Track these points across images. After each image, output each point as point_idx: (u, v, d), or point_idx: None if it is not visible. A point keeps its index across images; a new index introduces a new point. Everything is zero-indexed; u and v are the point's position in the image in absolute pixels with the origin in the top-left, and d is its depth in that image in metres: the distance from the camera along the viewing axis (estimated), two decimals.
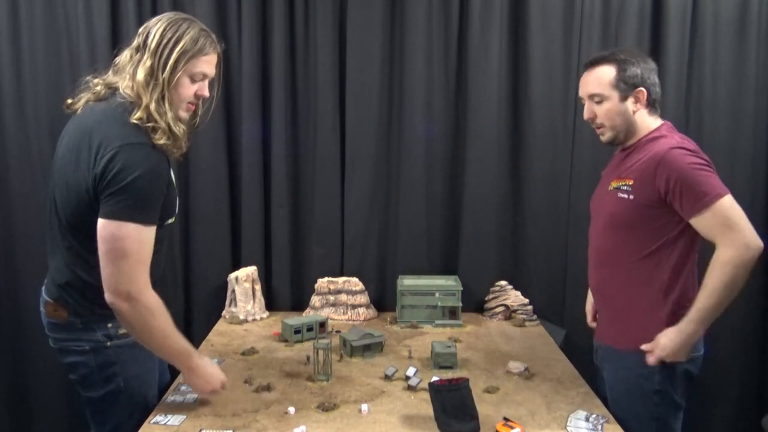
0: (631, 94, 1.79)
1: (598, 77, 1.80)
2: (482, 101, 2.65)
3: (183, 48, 1.57)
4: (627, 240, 1.78)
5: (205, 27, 1.66)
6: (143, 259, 1.53)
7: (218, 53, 1.69)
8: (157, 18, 1.62)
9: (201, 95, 1.67)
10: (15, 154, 2.65)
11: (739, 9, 2.62)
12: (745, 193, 2.67)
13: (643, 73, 1.79)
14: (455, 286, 2.57)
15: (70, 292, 1.64)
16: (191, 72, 1.61)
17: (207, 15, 2.58)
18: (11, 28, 2.60)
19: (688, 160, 1.68)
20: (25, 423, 2.80)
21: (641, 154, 1.78)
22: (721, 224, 1.65)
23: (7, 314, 2.71)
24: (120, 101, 1.58)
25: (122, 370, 1.67)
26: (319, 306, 2.65)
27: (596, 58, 1.83)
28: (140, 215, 1.50)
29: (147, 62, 1.56)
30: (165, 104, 1.57)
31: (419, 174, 2.71)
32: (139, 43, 1.60)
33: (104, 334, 1.64)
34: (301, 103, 2.70)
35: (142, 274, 1.53)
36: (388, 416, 1.74)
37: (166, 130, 1.56)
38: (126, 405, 1.69)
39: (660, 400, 1.78)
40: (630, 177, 1.77)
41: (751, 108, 2.67)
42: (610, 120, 1.81)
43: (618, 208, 1.79)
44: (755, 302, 2.75)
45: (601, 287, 1.91)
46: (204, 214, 2.70)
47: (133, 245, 1.50)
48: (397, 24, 2.65)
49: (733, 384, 2.78)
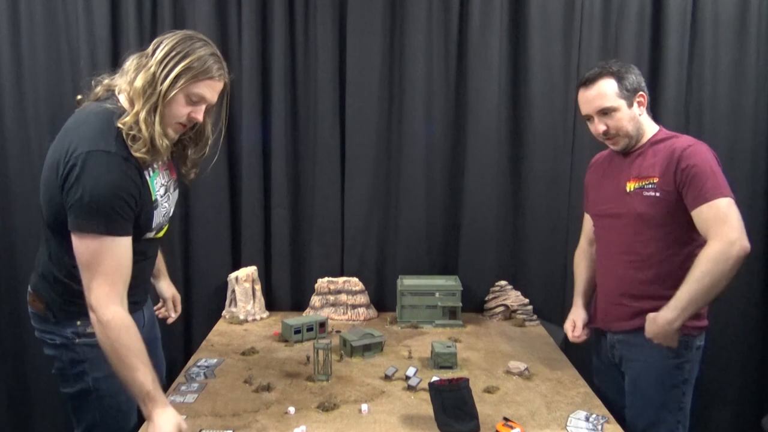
0: (635, 99, 1.86)
1: (602, 92, 1.84)
2: (482, 101, 2.65)
3: (188, 64, 1.53)
4: (659, 236, 1.83)
5: (219, 53, 1.61)
6: (107, 270, 1.48)
7: (225, 82, 1.64)
8: (174, 32, 1.59)
9: (194, 118, 1.60)
10: (15, 154, 2.65)
11: (739, 9, 2.62)
12: (745, 193, 2.67)
13: (638, 78, 1.87)
14: (455, 286, 2.58)
15: (44, 285, 1.65)
16: (190, 91, 1.55)
17: (207, 15, 2.59)
18: (11, 28, 2.60)
19: (707, 157, 1.77)
20: (25, 423, 2.80)
21: (657, 155, 1.84)
22: (716, 218, 1.72)
23: (7, 314, 2.71)
24: (110, 106, 1.56)
25: (91, 370, 1.65)
26: (319, 306, 2.65)
27: (592, 74, 1.87)
28: (100, 226, 1.47)
29: (150, 70, 1.52)
30: (155, 116, 1.52)
31: (419, 174, 2.71)
32: (149, 51, 1.56)
33: (73, 331, 1.64)
34: (301, 103, 2.70)
35: (103, 287, 1.48)
36: (388, 416, 1.74)
37: (147, 142, 1.51)
38: (97, 406, 1.67)
39: (686, 388, 1.87)
40: (652, 176, 1.82)
41: (751, 108, 2.67)
42: (623, 129, 1.86)
43: (646, 207, 1.83)
44: (755, 302, 2.75)
45: (630, 286, 1.90)
46: (204, 214, 2.70)
47: (94, 256, 1.47)
48: (397, 24, 2.65)
49: (733, 384, 2.78)
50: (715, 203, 1.72)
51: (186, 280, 2.75)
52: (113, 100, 1.58)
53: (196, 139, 1.75)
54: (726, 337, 2.73)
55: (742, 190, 2.67)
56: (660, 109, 2.62)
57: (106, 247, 1.48)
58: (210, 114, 1.70)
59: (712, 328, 2.80)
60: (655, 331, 1.77)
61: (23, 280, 2.65)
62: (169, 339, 2.70)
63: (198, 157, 1.77)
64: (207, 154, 1.78)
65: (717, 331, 2.74)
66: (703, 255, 1.71)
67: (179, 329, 2.74)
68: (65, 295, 1.60)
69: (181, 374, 2.04)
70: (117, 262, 1.50)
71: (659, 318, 1.76)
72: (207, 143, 1.76)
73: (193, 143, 1.75)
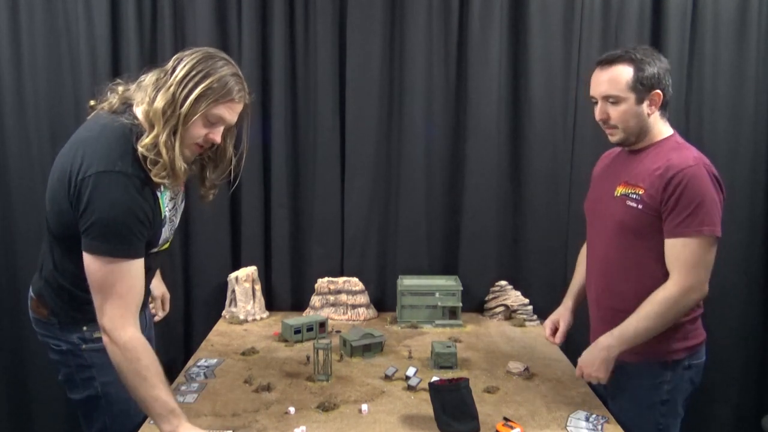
0: (648, 97, 1.71)
1: (614, 77, 1.70)
2: (482, 101, 2.65)
3: (209, 85, 1.47)
4: (637, 247, 1.73)
5: (240, 72, 1.56)
6: (121, 293, 1.46)
7: (245, 103, 1.59)
8: (195, 49, 1.53)
9: (212, 140, 1.56)
10: (15, 154, 2.65)
11: (739, 9, 2.62)
12: (745, 193, 2.67)
13: (660, 73, 1.71)
14: (455, 286, 2.57)
15: (49, 291, 1.63)
16: (209, 113, 1.50)
17: (207, 15, 2.59)
18: (11, 28, 2.59)
19: (702, 183, 1.64)
20: (25, 423, 2.80)
21: (655, 163, 1.71)
22: (685, 259, 1.64)
23: (7, 314, 2.71)
24: (126, 121, 1.50)
25: (99, 375, 1.64)
26: (319, 306, 2.65)
27: (611, 56, 1.73)
28: (113, 249, 1.44)
29: (170, 90, 1.46)
30: (176, 139, 1.48)
31: (419, 174, 2.70)
32: (168, 68, 1.50)
33: (79, 336, 1.63)
34: (301, 103, 2.69)
35: (117, 309, 1.45)
36: (388, 416, 1.74)
37: (167, 166, 1.46)
38: (106, 411, 1.67)
39: (666, 410, 1.77)
40: (640, 186, 1.71)
41: (751, 108, 2.66)
42: (624, 122, 1.73)
43: (627, 217, 1.73)
44: (755, 303, 2.75)
45: (606, 297, 1.84)
46: (204, 214, 2.70)
47: (108, 279, 1.45)
48: (397, 24, 2.65)
49: (733, 385, 2.78)
50: (690, 242, 1.62)
51: (186, 280, 2.74)
52: (129, 115, 1.53)
53: (216, 160, 1.70)
54: (726, 338, 2.72)
55: (742, 190, 2.68)
56: None
57: (121, 269, 1.46)
58: (230, 135, 1.66)
59: (712, 329, 2.80)
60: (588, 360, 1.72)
61: (23, 279, 2.66)
62: (169, 339, 2.71)
63: (218, 179, 1.72)
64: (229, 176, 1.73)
65: (717, 331, 2.74)
66: (660, 295, 1.65)
67: (179, 329, 2.74)
68: (71, 302, 1.59)
69: (181, 374, 2.04)
70: (131, 284, 1.48)
71: (600, 341, 1.72)
72: (229, 165, 1.71)
73: (212, 164, 1.71)
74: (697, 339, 1.80)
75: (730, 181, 2.69)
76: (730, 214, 2.67)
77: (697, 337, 1.80)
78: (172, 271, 2.68)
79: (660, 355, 1.74)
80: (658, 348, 1.72)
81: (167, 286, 2.19)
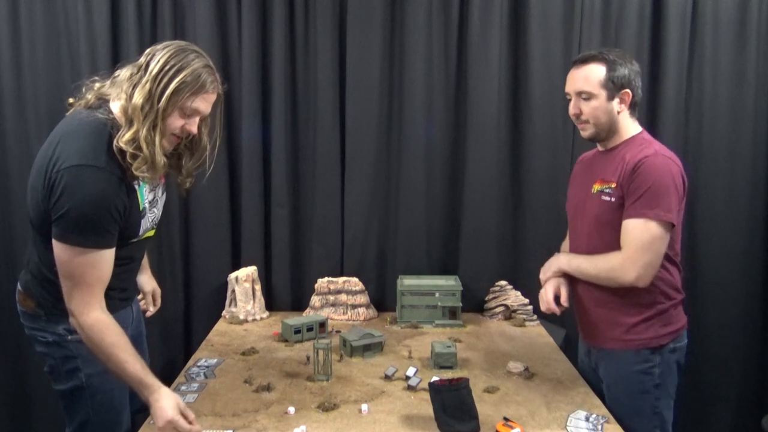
0: (618, 95, 1.82)
1: (587, 75, 1.82)
2: (482, 101, 2.65)
3: (183, 79, 1.52)
4: (614, 240, 1.80)
5: (212, 64, 1.61)
6: (89, 281, 1.53)
7: (218, 93, 1.64)
8: (167, 43, 1.58)
9: (188, 131, 1.62)
10: (15, 154, 2.65)
11: (739, 9, 2.62)
12: (745, 193, 2.67)
13: (630, 74, 1.83)
14: (455, 286, 2.57)
15: (35, 284, 1.67)
16: (184, 105, 1.55)
17: (207, 15, 2.59)
18: (11, 28, 2.60)
19: (662, 173, 1.74)
20: (25, 423, 2.80)
21: (626, 158, 1.80)
22: (637, 241, 1.73)
23: (7, 314, 2.70)
24: (102, 116, 1.55)
25: (84, 366, 1.67)
26: (319, 306, 2.65)
27: (586, 56, 1.85)
28: (84, 239, 1.49)
29: (146, 86, 1.51)
30: (156, 133, 1.53)
31: (419, 174, 2.71)
32: (142, 63, 1.55)
33: (65, 328, 1.65)
34: (301, 103, 2.69)
35: (84, 296, 1.53)
36: (388, 416, 1.74)
37: (148, 160, 1.52)
38: (89, 402, 1.69)
39: (660, 393, 1.84)
40: (613, 180, 1.81)
41: (751, 108, 2.66)
42: (595, 118, 1.83)
43: (602, 210, 1.83)
44: (755, 302, 2.75)
45: (590, 289, 1.90)
46: (204, 214, 2.70)
47: (77, 268, 1.51)
48: (397, 24, 2.65)
49: (733, 384, 2.78)
50: (638, 223, 1.72)
51: (186, 280, 2.74)
52: (105, 110, 1.57)
53: (192, 149, 1.75)
54: (726, 337, 2.73)
55: (742, 190, 2.68)
56: (660, 109, 2.63)
57: (90, 259, 1.52)
58: (205, 124, 1.71)
59: (712, 328, 2.80)
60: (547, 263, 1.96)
61: None
62: (169, 339, 2.71)
63: (195, 167, 1.77)
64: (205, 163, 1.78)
65: (717, 331, 2.74)
66: (609, 257, 1.78)
67: (179, 329, 2.74)
68: (56, 294, 1.61)
69: (181, 374, 2.04)
70: (99, 273, 1.55)
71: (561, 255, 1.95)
72: (204, 152, 1.76)
73: (188, 152, 1.75)
74: (680, 323, 1.88)
75: (731, 181, 2.70)
76: (731, 214, 2.68)
77: (679, 321, 1.89)
78: (172, 271, 2.69)
79: (648, 342, 1.82)
80: (645, 335, 1.82)
81: (167, 287, 2.21)
